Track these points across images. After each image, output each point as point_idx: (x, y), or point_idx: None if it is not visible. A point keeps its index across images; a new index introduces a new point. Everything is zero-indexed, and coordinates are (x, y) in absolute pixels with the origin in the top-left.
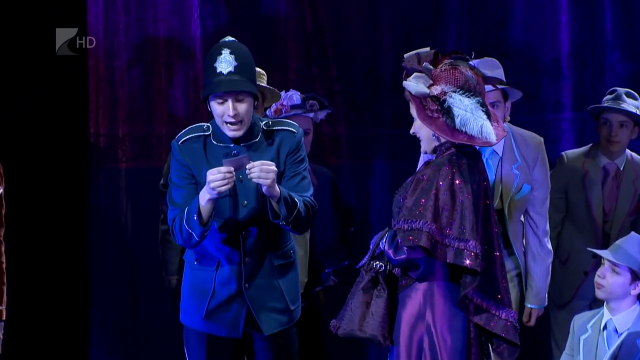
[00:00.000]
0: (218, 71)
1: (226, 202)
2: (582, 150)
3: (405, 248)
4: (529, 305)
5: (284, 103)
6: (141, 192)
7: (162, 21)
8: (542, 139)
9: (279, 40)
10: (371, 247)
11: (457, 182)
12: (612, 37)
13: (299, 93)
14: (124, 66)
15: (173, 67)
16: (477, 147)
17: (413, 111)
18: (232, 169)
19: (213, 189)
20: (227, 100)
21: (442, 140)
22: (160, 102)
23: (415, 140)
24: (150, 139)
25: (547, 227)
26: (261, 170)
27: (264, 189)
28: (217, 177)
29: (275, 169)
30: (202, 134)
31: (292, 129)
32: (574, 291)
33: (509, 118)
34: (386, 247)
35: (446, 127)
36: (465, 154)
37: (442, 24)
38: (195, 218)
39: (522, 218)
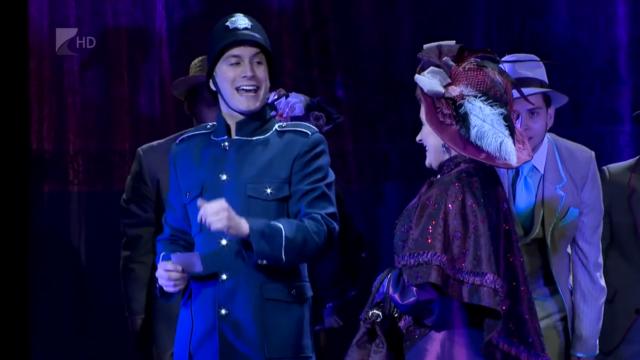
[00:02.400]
0: (232, 27)
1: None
2: (627, 164)
3: (413, 288)
4: (576, 354)
5: (283, 114)
6: (98, 222)
7: (125, 14)
8: (592, 153)
9: (271, 36)
10: (372, 292)
11: (469, 203)
12: None
13: (302, 99)
14: (75, 69)
15: (138, 70)
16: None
17: (422, 113)
18: (180, 267)
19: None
20: (242, 61)
21: (453, 153)
22: (122, 112)
23: None
24: (110, 156)
25: (600, 260)
26: (210, 215)
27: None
28: (161, 275)
29: (225, 204)
30: (206, 132)
31: (305, 130)
32: (622, 334)
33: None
34: (391, 291)
35: (459, 138)
36: (478, 171)
37: (467, 15)
38: (157, 287)
39: (568, 249)
